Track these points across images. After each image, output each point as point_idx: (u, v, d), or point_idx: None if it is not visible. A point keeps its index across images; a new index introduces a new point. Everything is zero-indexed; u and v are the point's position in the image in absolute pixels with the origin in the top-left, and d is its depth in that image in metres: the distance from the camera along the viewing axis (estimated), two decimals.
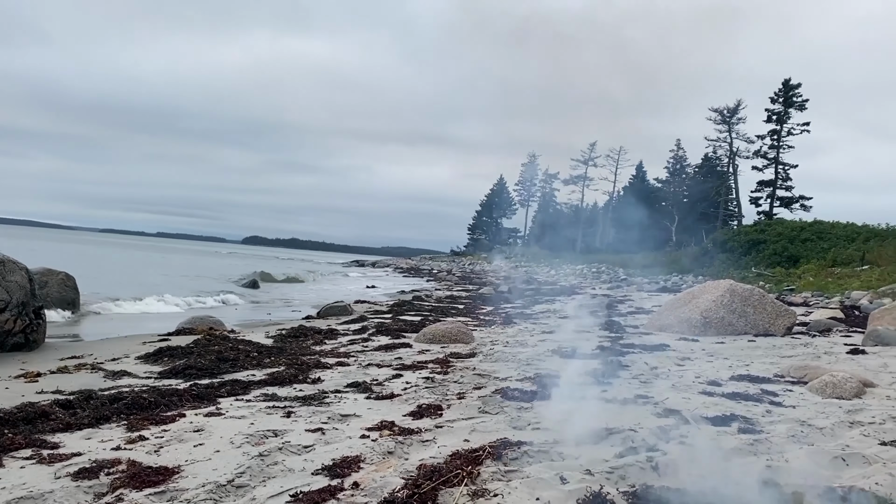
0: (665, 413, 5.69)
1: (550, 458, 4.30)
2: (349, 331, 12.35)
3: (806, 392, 6.82)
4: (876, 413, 5.80)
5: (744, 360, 9.12)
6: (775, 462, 4.24)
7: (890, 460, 4.37)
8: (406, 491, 3.48)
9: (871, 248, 31.39)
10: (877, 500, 3.18)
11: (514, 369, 7.97)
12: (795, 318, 12.94)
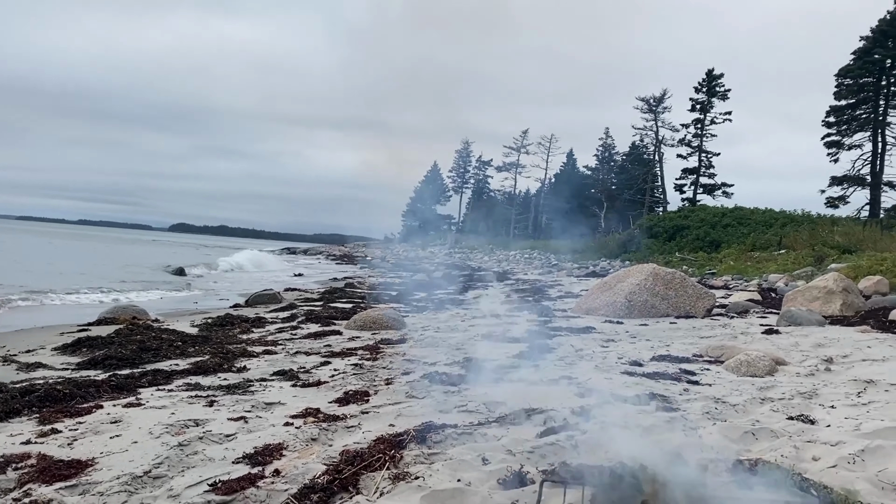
0: (587, 393, 5.84)
1: (474, 440, 4.36)
2: (278, 319, 12.19)
3: (722, 371, 7.10)
4: (786, 389, 6.09)
5: (665, 341, 9.42)
6: (689, 438, 4.41)
7: (795, 433, 4.60)
8: (327, 477, 3.47)
9: (787, 233, 32.77)
10: (780, 471, 3.34)
11: (443, 354, 8.02)
12: (715, 301, 13.43)
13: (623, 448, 3.65)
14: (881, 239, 24.60)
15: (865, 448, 4.09)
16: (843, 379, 6.52)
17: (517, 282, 25.59)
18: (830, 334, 9.63)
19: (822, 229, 30.29)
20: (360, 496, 3.29)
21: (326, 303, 15.27)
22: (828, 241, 26.10)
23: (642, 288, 12.70)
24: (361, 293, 18.85)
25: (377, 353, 8.11)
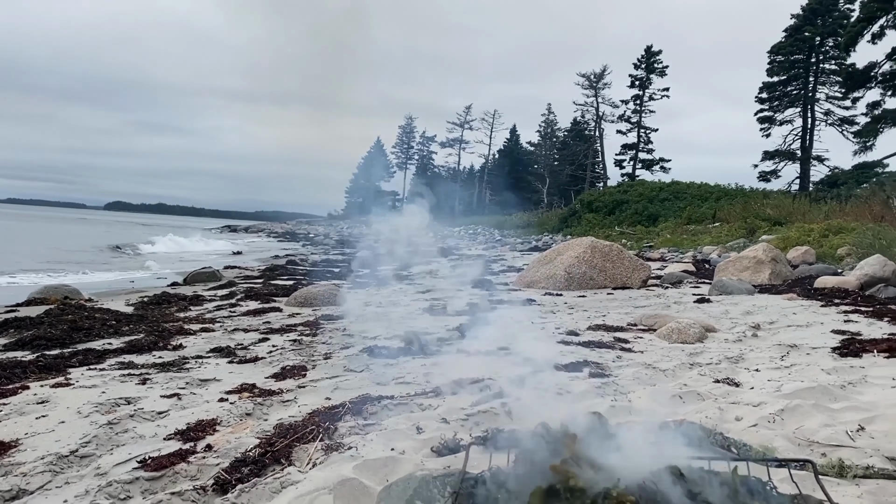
0: (523, 363, 5.93)
1: (410, 410, 4.39)
2: (216, 296, 11.99)
3: (655, 339, 7.30)
4: (714, 355, 6.31)
5: (602, 311, 9.63)
6: (619, 403, 4.53)
7: (721, 396, 4.78)
8: (259, 449, 3.45)
9: (721, 206, 33.74)
10: (703, 430, 3.46)
11: (384, 328, 8.02)
12: (650, 272, 13.76)
13: (553, 413, 3.73)
14: (809, 211, 25.53)
15: (785, 407, 4.28)
16: (768, 344, 6.78)
17: (461, 257, 25.70)
18: (759, 302, 9.99)
19: (754, 202, 31.25)
20: (291, 468, 3.28)
21: (267, 280, 15.07)
22: (759, 213, 26.96)
23: (581, 261, 12.92)
24: (303, 270, 18.67)
25: (317, 329, 8.07)
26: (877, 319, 7.89)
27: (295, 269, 18.69)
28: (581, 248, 13.24)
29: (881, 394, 4.61)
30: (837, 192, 32.49)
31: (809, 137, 46.18)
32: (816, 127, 46.34)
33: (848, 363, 5.69)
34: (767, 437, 3.75)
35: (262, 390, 4.98)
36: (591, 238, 14.07)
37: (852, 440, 3.68)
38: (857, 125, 43.00)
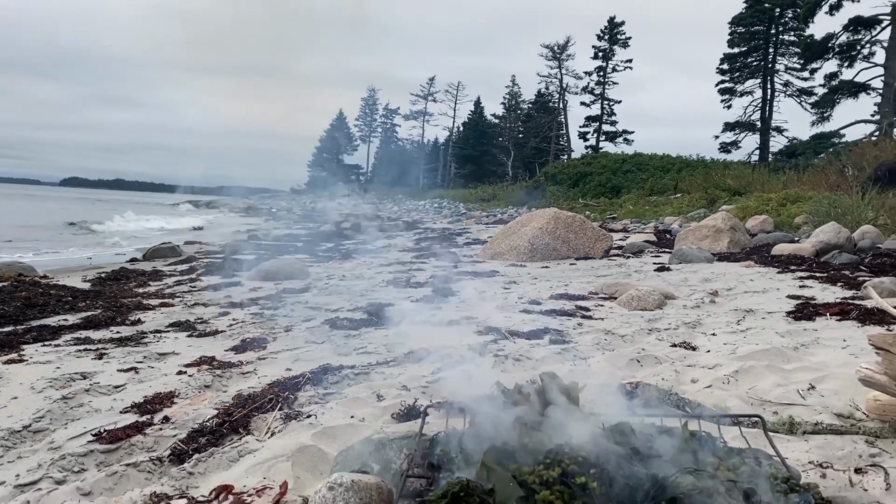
0: (486, 331, 5.97)
1: (371, 379, 4.39)
2: (176, 272, 11.81)
3: (615, 306, 7.39)
4: (672, 320, 6.41)
5: (564, 281, 9.71)
6: (578, 367, 4.59)
7: (678, 359, 4.86)
8: (217, 419, 3.43)
9: (683, 177, 34.15)
10: (658, 391, 3.51)
11: (346, 301, 8.00)
12: (612, 242, 13.91)
13: (512, 378, 3.75)
14: (768, 181, 25.97)
15: (739, 369, 4.37)
16: (725, 309, 6.90)
17: (426, 230, 25.68)
18: (717, 270, 10.16)
19: (714, 173, 31.69)
20: (250, 437, 3.26)
21: (228, 255, 14.89)
22: (720, 184, 27.34)
23: (544, 232, 12.99)
24: (266, 244, 18.48)
25: (279, 303, 8.00)
26: (830, 284, 8.08)
27: (257, 244, 18.48)
28: (544, 220, 13.31)
29: (832, 354, 4.73)
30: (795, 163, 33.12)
31: (769, 108, 46.89)
32: (776, 98, 47.06)
33: (801, 326, 5.83)
34: (721, 398, 3.83)
35: (221, 363, 4.93)
36: (555, 209, 14.15)
37: (803, 398, 3.78)
38: (815, 96, 43.75)
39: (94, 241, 22.15)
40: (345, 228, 25.03)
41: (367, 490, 1.96)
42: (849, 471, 2.79)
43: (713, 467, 1.98)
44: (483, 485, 1.90)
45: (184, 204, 61.80)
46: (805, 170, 26.72)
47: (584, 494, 1.83)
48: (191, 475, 2.86)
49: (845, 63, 37.90)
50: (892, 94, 34.03)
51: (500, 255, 13.17)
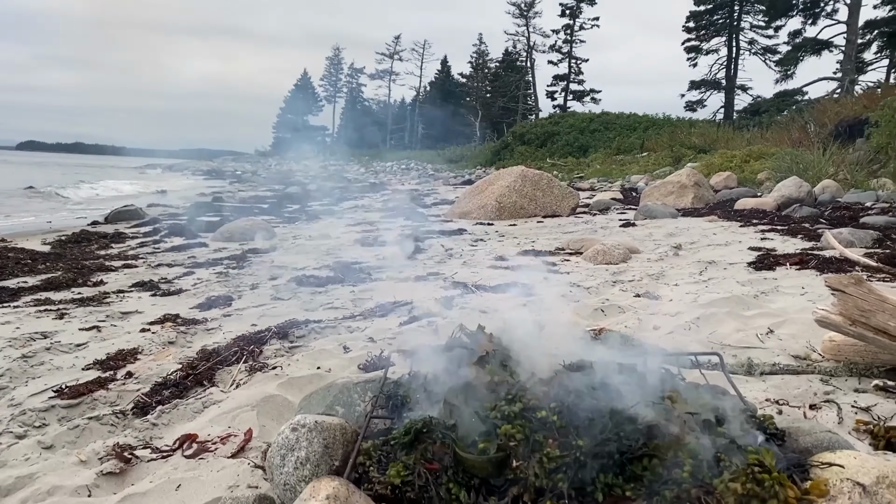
0: (452, 286, 5.99)
1: (337, 333, 4.38)
2: (139, 234, 11.61)
3: (581, 261, 7.45)
4: (636, 273, 6.49)
5: (531, 238, 9.76)
6: (542, 317, 4.62)
7: (641, 308, 4.93)
8: (181, 373, 3.40)
9: (649, 136, 34.33)
10: (620, 337, 3.56)
11: (313, 259, 7.95)
12: (579, 199, 13.98)
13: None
14: (733, 138, 26.23)
15: (700, 316, 4.45)
16: (688, 262, 7.00)
17: (393, 192, 25.54)
18: (681, 224, 10.29)
19: (680, 132, 31.88)
20: (214, 388, 3.25)
21: (193, 216, 14.66)
22: (685, 142, 27.55)
23: (511, 190, 13.00)
24: (231, 206, 18.23)
25: (244, 262, 7.93)
26: (791, 237, 8.23)
27: (222, 206, 18.22)
28: (511, 178, 13.31)
29: (791, 301, 4.83)
30: (759, 120, 33.45)
31: (734, 67, 47.15)
32: (741, 56, 47.31)
33: (762, 276, 5.93)
34: (683, 343, 3.90)
35: (185, 320, 4.89)
36: (522, 167, 14.14)
37: (762, 342, 3.87)
38: (779, 54, 44.06)
39: (53, 205, 21.64)
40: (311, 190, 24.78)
41: (330, 430, 1.96)
42: (804, 407, 2.87)
43: (671, 401, 2.02)
44: (445, 421, 1.92)
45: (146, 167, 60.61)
46: (769, 127, 27.02)
47: (545, 428, 1.86)
48: (154, 426, 2.85)
49: (809, 20, 38.18)
50: (853, 51, 34.42)
51: (467, 214, 13.17)
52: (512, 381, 2.04)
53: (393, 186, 29.91)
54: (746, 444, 1.86)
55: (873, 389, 3.02)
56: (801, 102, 36.35)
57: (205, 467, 2.41)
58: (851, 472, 1.83)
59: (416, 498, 1.74)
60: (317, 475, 1.85)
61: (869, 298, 3.01)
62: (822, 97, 31.80)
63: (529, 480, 1.76)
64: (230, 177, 42.77)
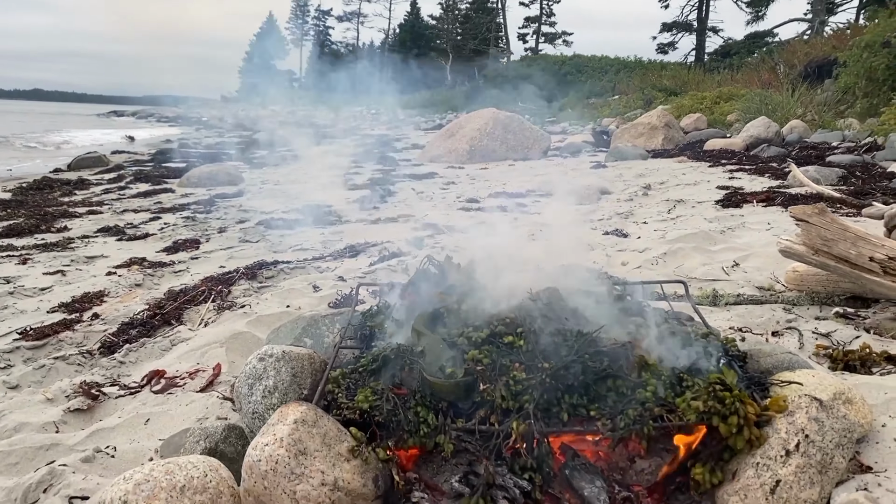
0: (423, 227, 5.98)
1: (307, 273, 4.36)
2: (104, 180, 11.36)
3: (551, 202, 7.46)
4: (606, 212, 6.52)
5: (503, 180, 9.72)
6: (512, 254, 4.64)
7: (609, 245, 4.97)
8: (148, 313, 3.36)
9: (621, 79, 34.14)
10: (588, 271, 3.58)
11: (281, 203, 7.87)
12: (551, 142, 13.93)
13: None
14: (703, 80, 26.18)
15: (668, 251, 4.50)
16: (657, 201, 7.05)
17: (363, 137, 25.21)
18: (651, 165, 10.32)
19: (652, 74, 31.74)
20: (182, 327, 3.23)
21: (158, 163, 14.38)
22: (657, 85, 27.45)
23: (483, 133, 12.89)
24: (198, 152, 17.88)
25: (211, 207, 7.82)
26: (758, 175, 8.31)
27: (188, 153, 17.86)
28: (483, 121, 13.19)
29: (756, 236, 4.90)
30: (730, 62, 33.38)
31: (705, 8, 46.71)
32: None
33: (729, 213, 6.00)
34: (650, 277, 3.94)
35: (152, 263, 4.83)
36: (493, 109, 14.01)
37: (727, 275, 3.93)
38: None
39: (14, 154, 21.03)
40: (279, 136, 24.37)
41: (298, 360, 1.96)
42: (766, 333, 2.93)
43: (636, 325, 2.05)
44: (413, 348, 1.93)
45: (108, 114, 59.02)
46: (739, 69, 26.99)
47: (511, 352, 1.87)
48: (122, 364, 2.83)
49: None
50: None
51: (438, 157, 13.07)
52: (480, 308, 2.05)
53: (363, 131, 29.52)
54: (709, 365, 1.89)
55: (833, 317, 3.09)
56: (771, 44, 36.30)
57: (173, 402, 2.41)
58: (810, 389, 1.87)
59: (384, 422, 1.75)
60: (285, 403, 1.86)
61: (832, 228, 3.05)
62: (793, 38, 31.76)
63: (496, 402, 1.78)
64: (196, 123, 41.85)
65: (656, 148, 12.50)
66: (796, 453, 1.65)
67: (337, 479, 1.62)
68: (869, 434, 1.92)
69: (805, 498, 1.61)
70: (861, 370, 2.50)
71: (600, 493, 1.76)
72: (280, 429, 1.64)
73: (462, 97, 43.41)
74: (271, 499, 1.59)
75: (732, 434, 1.71)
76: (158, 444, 2.11)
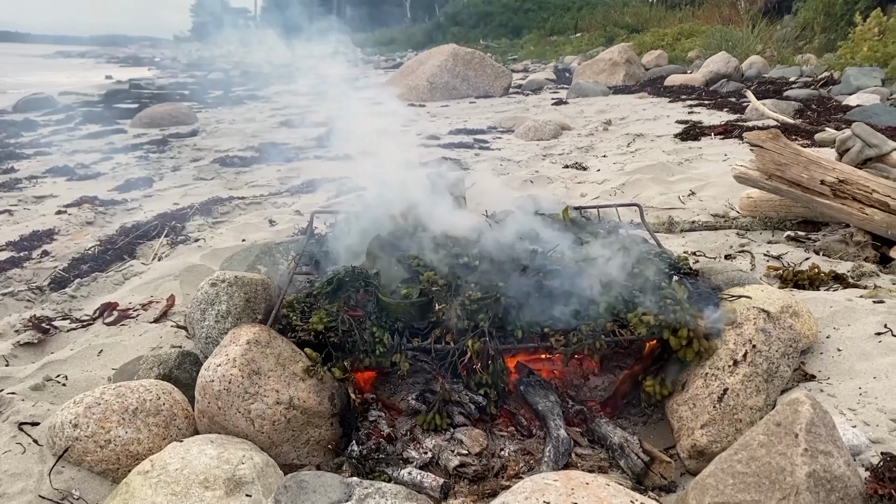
0: (382, 164, 5.90)
1: (263, 208, 4.30)
2: (52, 122, 10.97)
3: (513, 138, 7.42)
4: (566, 147, 6.51)
5: (463, 117, 9.62)
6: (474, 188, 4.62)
7: (569, 178, 4.97)
8: (100, 248, 3.29)
9: (583, 16, 33.72)
10: (546, 200, 3.58)
11: (237, 142, 7.69)
12: (512, 79, 13.77)
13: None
14: (665, 17, 26.00)
15: (626, 182, 4.53)
16: (617, 135, 7.05)
17: (321, 77, 24.64)
18: (612, 101, 10.29)
19: (614, 11, 31.40)
20: (135, 261, 3.16)
21: (109, 104, 13.90)
22: (619, 22, 27.20)
23: (443, 70, 12.68)
24: (150, 93, 17.33)
25: (165, 146, 7.61)
26: (717, 110, 8.34)
27: (140, 93, 17.29)
28: (443, 57, 12.96)
29: (713, 167, 4.94)
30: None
31: None
32: None
33: (687, 146, 6.04)
34: None
35: (104, 201, 4.70)
36: (453, 45, 13.76)
37: (683, 204, 3.97)
38: None
39: None
40: (234, 76, 23.72)
41: (251, 285, 1.93)
42: (719, 257, 2.98)
43: (589, 244, 2.06)
44: (369, 270, 1.91)
45: (57, 55, 56.63)
46: (701, 5, 26.83)
47: (467, 272, 1.87)
48: (73, 299, 2.77)
49: None
50: None
51: (398, 95, 12.85)
52: (435, 230, 2.03)
53: (320, 71, 28.84)
54: (660, 282, 1.92)
55: (785, 240, 3.16)
56: None
57: (127, 333, 2.37)
58: (758, 302, 1.92)
59: (339, 343, 1.74)
60: (238, 326, 1.84)
61: (785, 152, 3.09)
62: None
63: (452, 322, 1.78)
64: (149, 63, 40.43)
65: (618, 84, 12.45)
66: (744, 363, 1.70)
67: (292, 397, 1.62)
68: (814, 345, 1.97)
69: (751, 405, 1.66)
70: (809, 288, 2.56)
71: (554, 406, 1.79)
72: (233, 349, 1.63)
73: (423, 35, 42.60)
74: (226, 418, 1.58)
75: (682, 346, 1.75)
76: (112, 373, 2.08)
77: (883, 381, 1.76)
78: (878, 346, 1.92)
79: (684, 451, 1.69)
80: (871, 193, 2.83)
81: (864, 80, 8.46)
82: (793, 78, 10.51)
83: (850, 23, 11.10)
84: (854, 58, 9.67)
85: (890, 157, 3.16)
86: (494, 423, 1.80)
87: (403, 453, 1.66)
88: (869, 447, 1.51)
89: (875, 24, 10.01)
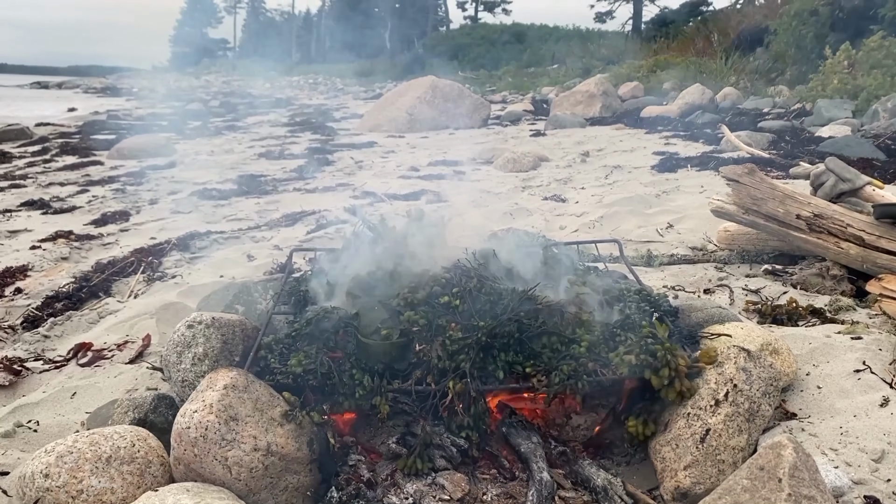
0: (362, 195, 5.91)
1: (242, 243, 4.27)
2: (28, 153, 10.87)
3: (492, 169, 7.46)
4: (544, 179, 6.56)
5: (443, 149, 9.68)
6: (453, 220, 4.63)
7: (548, 210, 5.00)
8: (75, 285, 3.23)
9: (560, 48, 34.25)
10: (527, 234, 3.59)
11: (215, 174, 7.66)
12: (491, 110, 13.91)
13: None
14: (640, 49, 26.47)
15: (604, 215, 4.56)
16: (595, 167, 7.12)
17: (301, 107, 24.72)
18: (590, 133, 10.41)
19: (590, 43, 31.94)
20: (111, 299, 3.11)
21: (86, 135, 13.82)
22: (595, 53, 27.67)
23: (422, 101, 12.78)
24: (128, 124, 17.26)
25: (142, 179, 7.56)
26: (693, 141, 8.47)
27: (118, 124, 17.22)
28: (422, 89, 13.06)
29: (690, 199, 5.00)
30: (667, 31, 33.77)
31: None
32: None
33: (664, 177, 6.11)
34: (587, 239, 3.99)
35: (79, 236, 4.64)
36: (432, 77, 13.88)
37: (661, 236, 4.00)
38: None
39: None
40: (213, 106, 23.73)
41: (229, 326, 1.91)
42: (698, 291, 3.00)
43: (570, 283, 2.06)
44: (348, 310, 1.89)
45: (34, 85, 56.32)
46: (675, 38, 27.36)
47: (447, 312, 1.86)
48: (47, 338, 2.72)
49: None
50: None
51: (378, 126, 12.91)
52: (415, 270, 2.02)
53: (300, 101, 28.94)
54: (641, 320, 1.92)
55: (763, 274, 3.19)
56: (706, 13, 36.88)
57: (101, 374, 2.32)
58: (738, 340, 1.92)
59: (318, 385, 1.72)
60: (214, 370, 1.80)
61: (761, 187, 3.13)
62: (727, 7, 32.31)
63: (433, 363, 1.76)
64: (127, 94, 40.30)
65: (595, 116, 12.60)
66: (725, 402, 1.69)
67: (270, 443, 1.59)
68: (794, 382, 1.98)
69: (734, 445, 1.65)
70: (788, 323, 2.58)
71: (536, 448, 1.77)
72: (209, 395, 1.60)
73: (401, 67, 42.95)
74: (202, 466, 1.54)
75: (664, 386, 1.74)
76: (85, 416, 2.03)
77: (863, 419, 1.77)
78: (857, 384, 1.93)
79: (668, 493, 1.68)
80: (846, 228, 2.87)
81: (836, 112, 8.63)
82: (766, 109, 10.70)
83: (821, 55, 11.36)
84: (825, 90, 9.88)
85: (863, 191, 3.21)
86: (476, 466, 1.78)
87: (384, 499, 1.63)
88: (851, 488, 1.51)
89: (844, 58, 10.25)
